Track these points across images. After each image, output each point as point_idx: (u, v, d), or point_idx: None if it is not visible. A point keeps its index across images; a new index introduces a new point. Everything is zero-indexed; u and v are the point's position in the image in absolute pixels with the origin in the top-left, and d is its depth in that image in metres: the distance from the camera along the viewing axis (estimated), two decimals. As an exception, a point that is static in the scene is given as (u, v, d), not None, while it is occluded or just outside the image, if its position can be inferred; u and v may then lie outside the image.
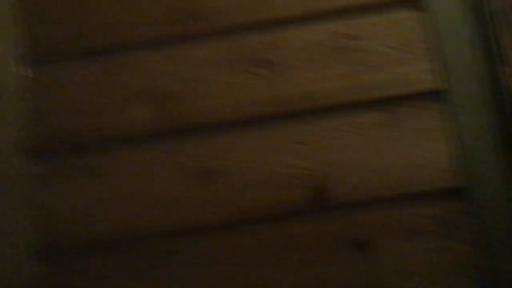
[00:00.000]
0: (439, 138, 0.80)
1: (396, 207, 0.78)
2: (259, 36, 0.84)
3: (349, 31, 0.84)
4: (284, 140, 0.81)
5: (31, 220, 0.79)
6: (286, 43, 0.84)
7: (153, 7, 0.85)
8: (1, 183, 0.80)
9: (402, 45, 0.83)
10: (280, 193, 0.79)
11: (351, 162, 0.80)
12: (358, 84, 0.82)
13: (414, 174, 0.79)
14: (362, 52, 0.83)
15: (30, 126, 0.82)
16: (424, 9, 0.84)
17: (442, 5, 0.83)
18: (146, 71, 0.83)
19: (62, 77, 0.84)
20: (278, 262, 0.77)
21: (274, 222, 0.78)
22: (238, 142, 0.81)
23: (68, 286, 0.77)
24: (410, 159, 0.79)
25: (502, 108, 0.79)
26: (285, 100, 0.82)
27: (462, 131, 0.79)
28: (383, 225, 0.77)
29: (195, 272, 0.77)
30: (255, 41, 0.84)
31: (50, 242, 0.79)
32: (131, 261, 0.78)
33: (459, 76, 0.81)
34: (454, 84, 0.81)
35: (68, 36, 0.84)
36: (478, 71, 0.81)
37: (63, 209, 0.79)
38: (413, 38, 0.83)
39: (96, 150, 0.81)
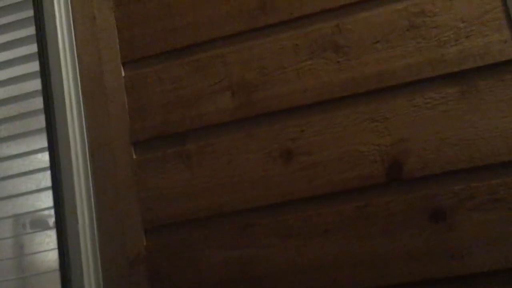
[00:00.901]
0: (518, 107, 0.79)
1: (473, 178, 0.78)
2: (329, 22, 0.88)
3: (421, 8, 0.85)
4: (359, 119, 0.85)
5: (139, 201, 0.91)
6: (357, 26, 0.87)
7: (228, 4, 0.93)
8: (113, 170, 0.94)
9: (475, 18, 0.83)
10: (357, 169, 0.83)
11: (426, 136, 0.81)
12: (433, 59, 0.83)
13: (490, 145, 0.78)
14: (435, 28, 0.84)
15: (134, 120, 0.95)
16: (498, -22, 0.82)
17: (518, -28, 0.81)
18: (229, 64, 0.92)
19: (158, 75, 0.95)
20: (356, 233, 0.81)
21: (352, 196, 0.82)
22: (315, 124, 0.86)
23: (171, 257, 0.89)
24: (487, 130, 0.79)
25: None
26: (358, 81, 0.85)
27: (542, 98, 0.77)
28: (459, 197, 0.78)
29: (275, 242, 0.84)
30: (326, 26, 0.88)
31: (154, 219, 0.90)
32: (221, 234, 0.87)
33: (537, 42, 0.79)
34: (532, 51, 0.79)
35: (159, 37, 0.96)
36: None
37: (164, 191, 0.91)
38: (486, 10, 0.82)
39: (190, 138, 0.92)
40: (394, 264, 0.79)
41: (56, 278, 1.01)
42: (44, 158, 1.07)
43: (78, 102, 0.99)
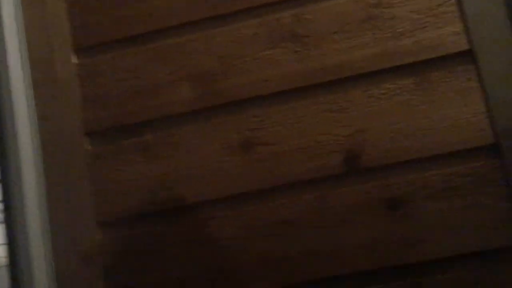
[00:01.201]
0: (469, 99, 0.82)
1: (428, 168, 0.81)
2: (288, 11, 0.88)
3: None
4: (319, 110, 0.85)
5: (93, 194, 0.88)
6: (316, 16, 0.87)
7: (190, -8, 0.91)
8: (66, 162, 0.90)
9: (429, 10, 0.85)
10: (316, 159, 0.84)
11: (384, 127, 0.83)
12: (389, 51, 0.85)
13: (445, 135, 0.81)
14: (391, 20, 0.86)
15: (88, 110, 0.91)
16: (451, -28, 0.84)
17: (470, -33, 0.84)
18: (188, 53, 0.90)
19: (114, 64, 0.92)
20: (315, 224, 0.82)
21: (311, 186, 0.83)
22: (275, 114, 0.86)
23: (128, 252, 0.87)
24: (441, 121, 0.82)
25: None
26: (318, 71, 0.86)
27: (492, 90, 0.80)
28: (415, 186, 0.80)
29: (235, 234, 0.84)
30: (285, 16, 0.88)
31: (110, 213, 0.88)
32: (181, 227, 0.86)
33: (488, 36, 0.82)
34: (483, 45, 0.82)
35: (115, 24, 0.93)
36: (508, 30, 0.81)
37: (121, 184, 0.88)
38: (439, 2, 0.85)
39: (146, 129, 0.89)
40: (352, 254, 0.81)
41: (5, 274, 0.97)
42: (-10, 150, 1.02)
43: (27, 91, 0.94)
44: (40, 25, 0.95)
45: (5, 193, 0.92)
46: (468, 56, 0.83)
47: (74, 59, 0.93)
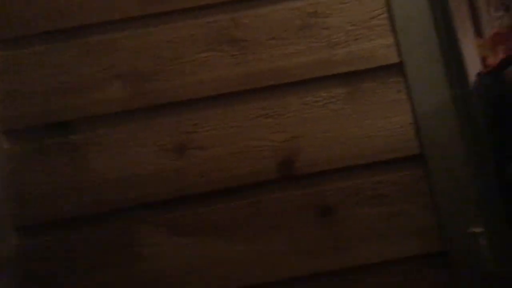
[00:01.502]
0: (398, 109, 0.85)
1: (358, 175, 0.83)
2: (226, 14, 0.87)
3: (315, 8, 0.87)
4: (254, 115, 0.85)
5: (11, 197, 0.82)
6: (254, 21, 0.87)
7: (125, -12, 0.87)
8: (-19, 162, 0.83)
9: (363, 22, 0.87)
10: (250, 165, 0.83)
11: (317, 134, 0.84)
12: (324, 60, 0.86)
13: (374, 144, 0.84)
14: (327, 30, 0.87)
15: (7, 106, 0.85)
16: (384, -13, 0.88)
17: (402, -17, 0.87)
18: (121, 51, 0.86)
19: (39, 58, 0.86)
20: (248, 230, 0.82)
21: (245, 192, 0.83)
22: (210, 118, 0.85)
23: (48, 259, 0.81)
24: (371, 130, 0.84)
25: (459, 79, 0.84)
26: (254, 76, 0.86)
27: (418, 102, 0.84)
28: (346, 193, 0.82)
29: (165, 240, 0.82)
30: (223, 19, 0.87)
31: (29, 218, 0.82)
32: (108, 232, 0.82)
33: (416, 50, 0.85)
34: (412, 58, 0.85)
35: (42, 16, 0.87)
36: (437, 44, 0.85)
37: (43, 186, 0.83)
38: (372, 15, 0.87)
39: (75, 128, 0.84)
40: (284, 259, 0.81)
41: None
42: None
43: None
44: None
45: None
46: (398, 68, 0.86)
47: (-6, 51, 0.86)
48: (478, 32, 2.13)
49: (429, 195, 0.82)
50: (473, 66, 1.94)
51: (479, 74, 1.54)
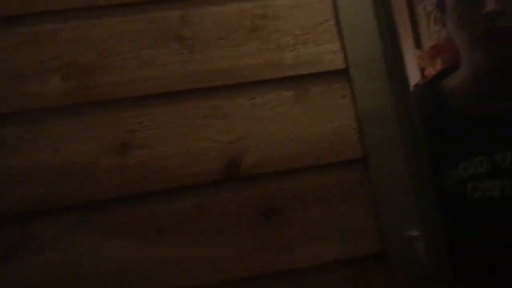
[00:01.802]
0: (343, 114, 0.87)
1: (302, 178, 0.84)
2: (175, 11, 0.85)
3: (264, 11, 0.88)
4: (201, 115, 0.84)
5: None
6: (203, 20, 0.86)
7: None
8: None
9: (311, 27, 0.88)
10: (196, 165, 0.82)
11: (264, 136, 0.84)
12: (272, 62, 0.86)
13: (320, 148, 0.85)
14: (276, 33, 0.87)
15: None
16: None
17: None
18: (63, 42, 0.82)
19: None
20: (192, 232, 0.80)
21: (189, 193, 0.81)
22: (155, 116, 0.82)
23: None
24: (317, 133, 0.85)
25: (402, 86, 0.87)
26: (202, 76, 0.84)
27: (362, 107, 0.86)
28: (290, 195, 0.83)
29: (103, 242, 0.78)
30: (172, 16, 0.85)
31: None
32: (40, 233, 0.78)
33: (362, 56, 0.88)
34: (357, 64, 0.87)
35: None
36: (382, 51, 0.88)
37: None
38: (320, 21, 0.89)
39: (7, 121, 0.79)
40: (227, 262, 0.80)
41: None
42: None
43: None
44: None
45: None
46: (344, 74, 0.88)
47: None
48: (418, 44, 2.24)
49: (370, 199, 0.84)
50: (413, 76, 2.04)
51: (416, 86, 1.62)
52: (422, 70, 1.85)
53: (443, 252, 0.81)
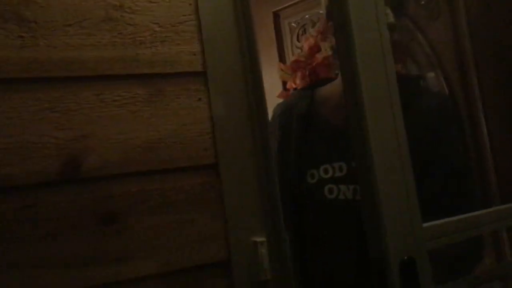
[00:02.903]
0: (198, 118, 0.84)
1: (149, 182, 0.79)
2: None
3: (121, 2, 0.82)
4: (37, 107, 0.75)
5: None
6: (48, 2, 0.77)
7: None
8: None
9: (171, 25, 0.85)
10: (27, 163, 0.72)
11: (111, 135, 0.78)
12: (126, 57, 0.81)
13: (171, 150, 0.82)
14: (132, 26, 0.82)
15: None
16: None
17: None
18: None
19: None
20: (20, 236, 0.71)
21: (19, 193, 0.71)
22: (-19, 104, 0.72)
23: None
24: (169, 136, 0.82)
25: (257, 94, 0.88)
26: (43, 64, 0.76)
27: (219, 112, 0.85)
28: (133, 199, 0.78)
29: None
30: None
31: None
32: None
33: (220, 61, 0.87)
34: (215, 69, 0.86)
35: None
36: (240, 59, 0.88)
37: None
38: (180, 20, 0.86)
39: None
40: (55, 271, 0.71)
41: None
42: None
43: None
44: None
45: None
46: (201, 77, 0.86)
47: None
48: (282, 58, 2.34)
49: (219, 204, 0.83)
50: (275, 87, 2.12)
51: (295, 89, 1.68)
52: (284, 82, 1.94)
53: (286, 258, 0.82)
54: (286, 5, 2.33)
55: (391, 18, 1.11)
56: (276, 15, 2.38)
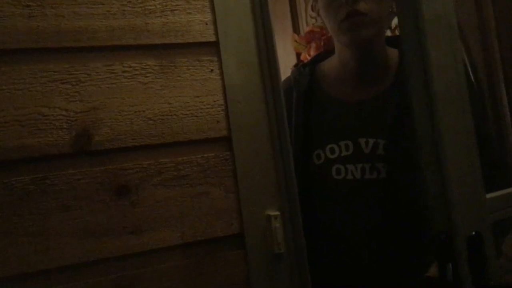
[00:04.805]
0: (210, 89, 0.82)
1: (162, 154, 0.78)
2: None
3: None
4: (47, 78, 0.73)
5: None
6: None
7: None
8: None
9: (182, -7, 0.82)
10: (38, 135, 0.71)
11: (122, 107, 0.77)
12: (136, 27, 0.79)
13: (183, 123, 0.80)
14: (143, -5, 0.80)
15: None
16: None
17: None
18: None
19: None
20: (32, 207, 0.70)
21: (29, 167, 0.71)
22: (-9, 76, 0.70)
23: None
24: (181, 108, 0.80)
25: (271, 66, 0.85)
26: (51, 34, 0.74)
27: (229, 84, 0.83)
28: (147, 172, 0.77)
29: None
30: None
31: None
32: None
33: (233, 31, 0.84)
34: (227, 39, 0.83)
35: None
36: (253, 28, 0.85)
37: None
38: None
39: None
40: (70, 242, 0.71)
41: None
42: None
43: None
44: None
45: None
46: (213, 47, 0.83)
47: None
48: (296, 29, 2.29)
49: (233, 178, 0.81)
50: (290, 59, 2.07)
51: (295, 66, 1.64)
52: (299, 54, 1.89)
53: (300, 232, 0.81)
54: (300, -26, 2.27)
55: None
56: (290, -15, 2.32)
